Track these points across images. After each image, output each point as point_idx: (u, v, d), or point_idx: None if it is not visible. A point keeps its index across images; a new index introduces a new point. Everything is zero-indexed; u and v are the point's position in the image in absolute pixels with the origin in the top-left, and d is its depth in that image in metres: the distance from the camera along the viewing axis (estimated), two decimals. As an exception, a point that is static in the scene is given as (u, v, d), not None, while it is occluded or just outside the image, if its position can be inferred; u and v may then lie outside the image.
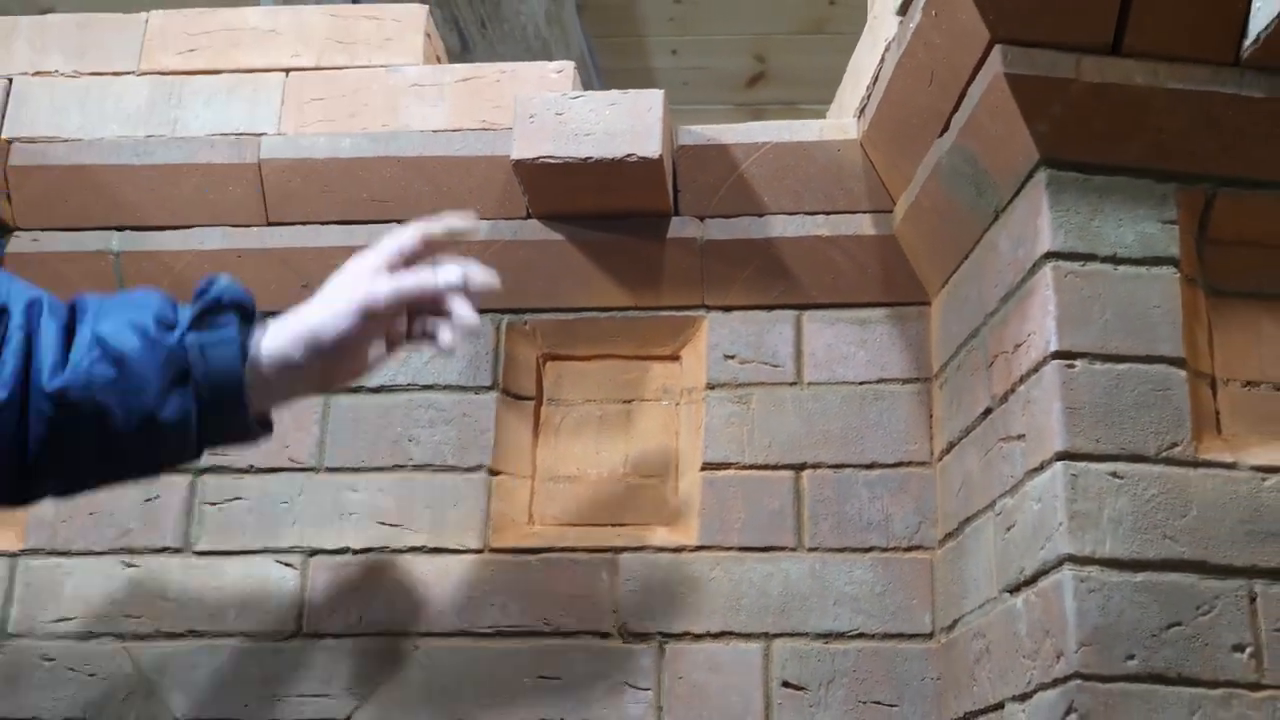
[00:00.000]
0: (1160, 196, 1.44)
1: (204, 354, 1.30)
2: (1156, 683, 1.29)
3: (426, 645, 1.68)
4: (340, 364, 1.40)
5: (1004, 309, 1.50)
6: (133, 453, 1.32)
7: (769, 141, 1.73)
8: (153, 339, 1.29)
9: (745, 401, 1.74)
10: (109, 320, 1.30)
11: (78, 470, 1.33)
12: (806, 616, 1.66)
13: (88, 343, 1.28)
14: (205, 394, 1.31)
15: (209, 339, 1.31)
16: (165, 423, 1.29)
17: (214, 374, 1.31)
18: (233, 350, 1.32)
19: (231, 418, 1.34)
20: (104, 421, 1.28)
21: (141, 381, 1.28)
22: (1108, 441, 1.36)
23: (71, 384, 1.26)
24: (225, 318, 1.33)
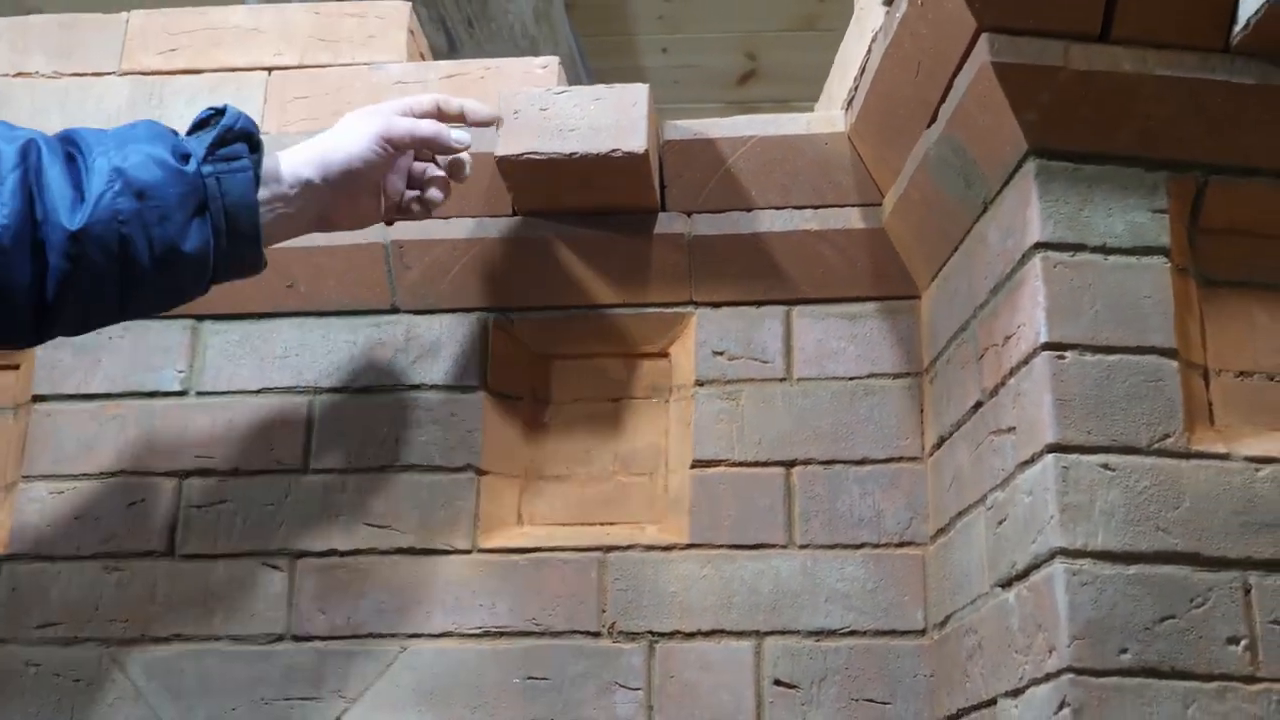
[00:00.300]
0: (1150, 185, 1.41)
1: (220, 184, 1.33)
2: (1150, 676, 1.27)
3: (415, 646, 1.65)
4: (345, 196, 1.45)
5: (993, 301, 1.48)
6: (152, 285, 1.33)
7: (755, 135, 1.70)
8: (173, 169, 1.30)
9: (735, 398, 1.71)
10: (125, 152, 1.30)
11: (97, 306, 1.32)
12: (798, 614, 1.63)
13: (106, 175, 1.28)
14: (223, 224, 1.33)
15: (224, 169, 1.33)
16: (187, 254, 1.31)
17: (231, 204, 1.33)
18: (247, 179, 1.35)
19: (245, 247, 1.36)
20: (127, 254, 1.28)
21: (165, 213, 1.29)
22: (1099, 433, 1.33)
23: (96, 219, 1.26)
24: (237, 148, 1.35)
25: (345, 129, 1.48)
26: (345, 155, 1.44)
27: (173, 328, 1.79)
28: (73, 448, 1.76)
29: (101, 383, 1.78)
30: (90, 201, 1.26)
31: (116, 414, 1.77)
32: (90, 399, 1.78)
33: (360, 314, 1.78)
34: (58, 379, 1.79)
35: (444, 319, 1.76)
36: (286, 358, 1.77)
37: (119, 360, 1.79)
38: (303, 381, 1.76)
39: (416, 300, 1.76)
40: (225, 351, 1.78)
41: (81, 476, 1.75)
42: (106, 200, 1.27)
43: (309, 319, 1.78)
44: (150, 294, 1.35)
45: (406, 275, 1.75)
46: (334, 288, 1.76)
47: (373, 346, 1.76)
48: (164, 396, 1.77)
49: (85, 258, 1.26)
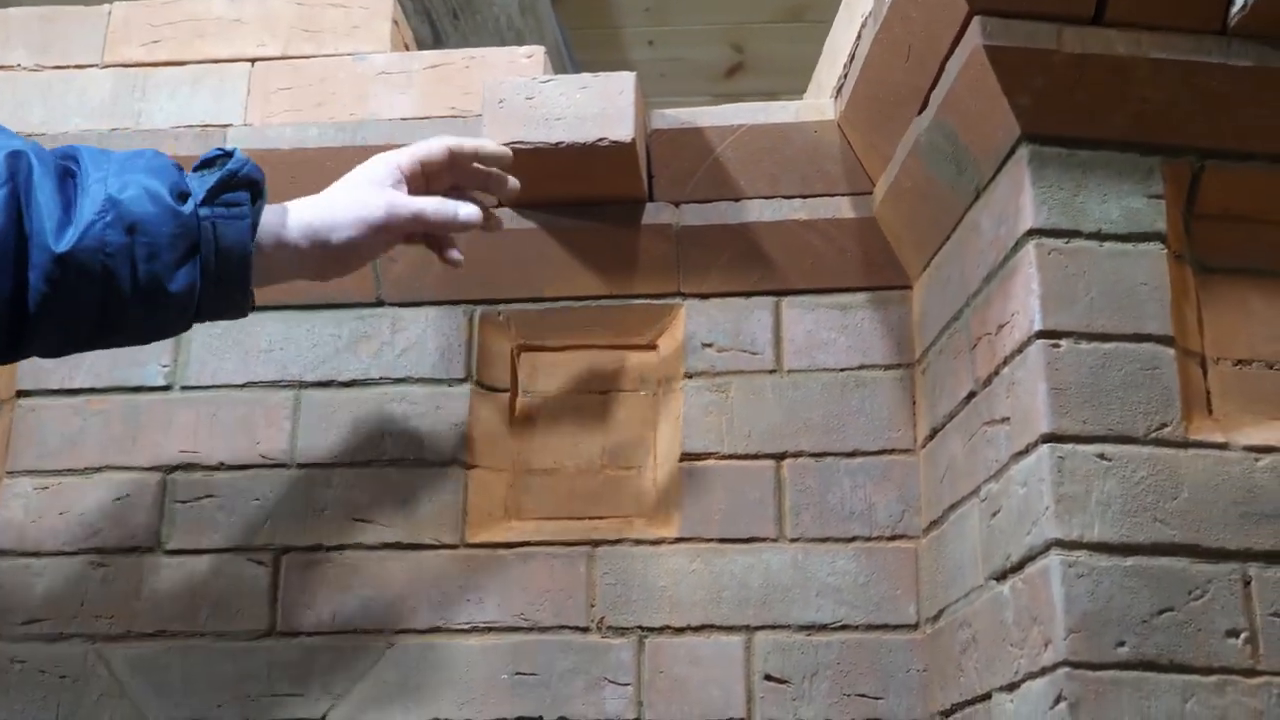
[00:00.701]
0: (1146, 170, 1.37)
1: (216, 230, 1.27)
2: (1148, 670, 1.22)
3: (402, 642, 1.61)
4: (342, 263, 1.40)
5: (986, 289, 1.43)
6: (132, 319, 1.27)
7: (744, 124, 1.65)
8: (168, 208, 1.25)
9: (724, 390, 1.67)
10: (122, 181, 1.24)
11: (74, 332, 1.27)
12: (789, 608, 1.59)
13: (100, 204, 1.22)
14: (212, 269, 1.28)
15: (222, 214, 1.28)
16: (172, 293, 1.26)
17: (224, 250, 1.28)
18: (244, 229, 1.29)
19: (233, 293, 1.31)
20: (110, 286, 1.23)
21: (154, 250, 1.23)
22: (1095, 423, 1.29)
23: (82, 246, 1.20)
24: (239, 194, 1.30)
25: (349, 205, 1.38)
26: (344, 240, 1.37)
27: (157, 322, 1.74)
28: (57, 443, 1.72)
29: (86, 378, 1.73)
30: (79, 226, 1.21)
31: (101, 409, 1.72)
32: (74, 394, 1.73)
33: (345, 307, 1.73)
34: (42, 374, 1.74)
35: (429, 311, 1.72)
36: (271, 352, 1.72)
37: (103, 355, 1.73)
38: (287, 376, 1.71)
39: (402, 293, 1.71)
40: (209, 346, 1.73)
41: (66, 472, 1.70)
42: (96, 229, 1.21)
43: (293, 312, 1.73)
44: (130, 327, 1.30)
45: (391, 268, 1.70)
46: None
47: (358, 340, 1.71)
48: (148, 391, 1.73)
49: (66, 283, 1.21)
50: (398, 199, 1.40)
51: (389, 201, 1.39)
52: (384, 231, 1.39)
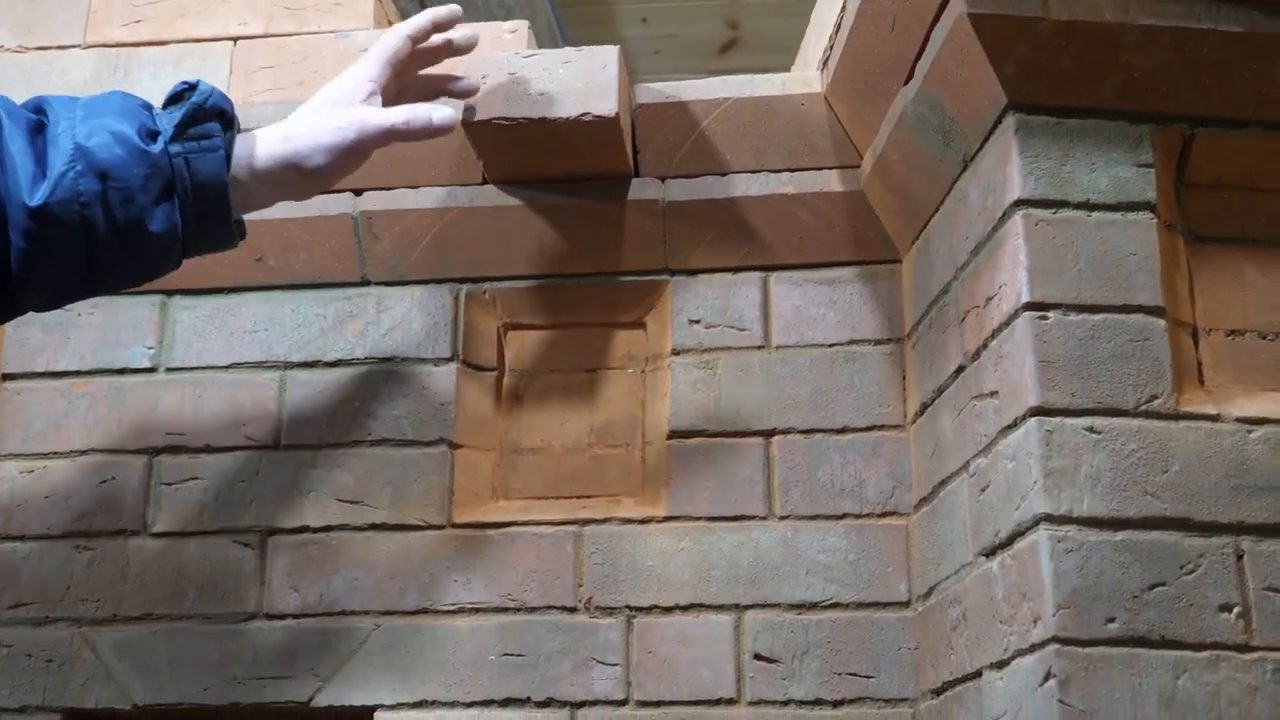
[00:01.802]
0: (1135, 139, 1.32)
1: (189, 165, 1.25)
2: (1139, 646, 1.18)
3: (388, 624, 1.57)
4: (320, 184, 1.39)
5: (974, 261, 1.38)
6: (120, 264, 1.26)
7: (730, 97, 1.60)
8: (137, 150, 1.22)
9: (712, 367, 1.62)
10: (89, 128, 1.22)
11: (63, 284, 1.25)
12: (778, 587, 1.55)
13: (69, 154, 1.20)
14: (191, 205, 1.25)
15: (194, 149, 1.25)
16: (154, 234, 1.24)
17: (200, 185, 1.26)
18: (217, 160, 1.26)
19: (215, 227, 1.29)
20: (90, 235, 1.21)
21: (128, 195, 1.21)
22: (1084, 395, 1.24)
23: (55, 198, 1.18)
24: (208, 126, 1.27)
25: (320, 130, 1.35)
26: (317, 166, 1.35)
27: (141, 304, 1.71)
28: (42, 426, 1.68)
29: (71, 360, 1.70)
30: (51, 179, 1.18)
31: (86, 391, 1.69)
32: (59, 376, 1.70)
33: (330, 287, 1.69)
34: (27, 357, 1.71)
35: (415, 291, 1.67)
36: (256, 333, 1.68)
37: (88, 337, 1.70)
38: (273, 356, 1.67)
39: (387, 272, 1.67)
40: (194, 327, 1.70)
41: (51, 455, 1.67)
42: (68, 180, 1.19)
43: (278, 293, 1.69)
44: (119, 273, 1.28)
45: (376, 246, 1.66)
46: (303, 261, 1.67)
47: (343, 320, 1.67)
48: (133, 373, 1.69)
49: (45, 237, 1.19)
50: (368, 117, 1.37)
51: (360, 122, 1.36)
52: (357, 152, 1.37)
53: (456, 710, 1.53)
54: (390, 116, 1.38)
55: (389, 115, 1.38)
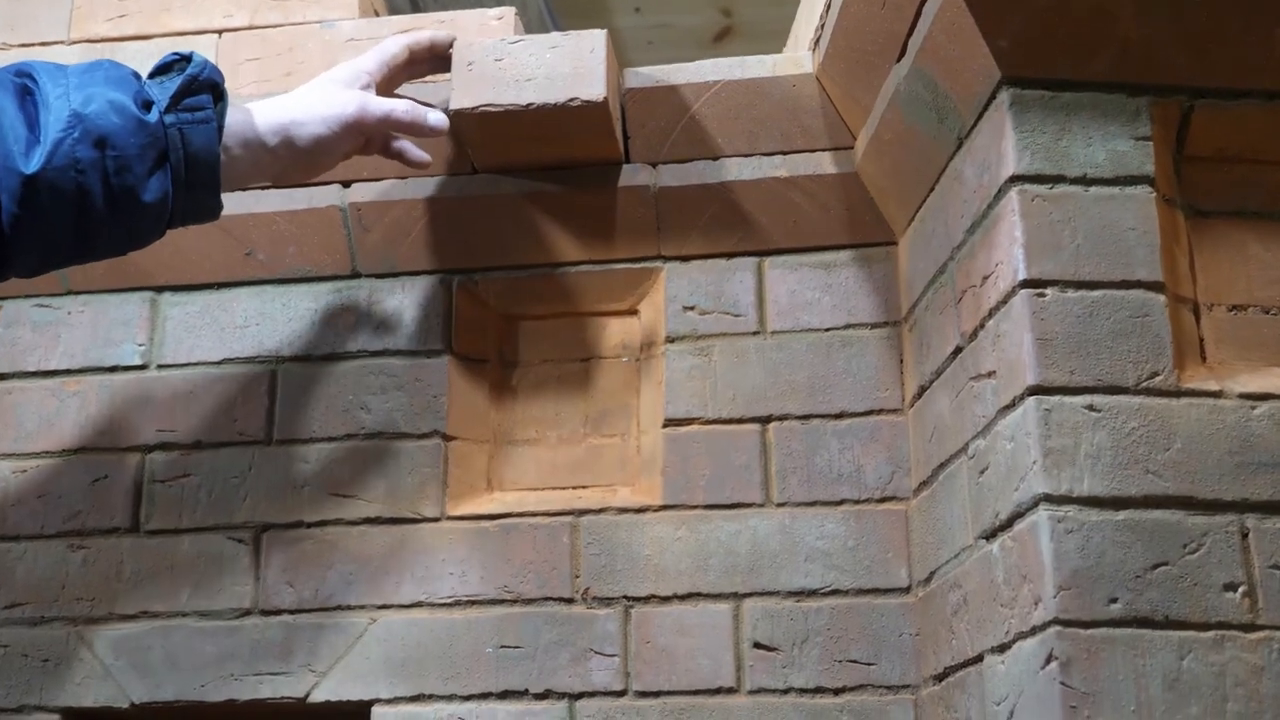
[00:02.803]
0: (1132, 112, 1.28)
1: (183, 135, 1.24)
2: (1142, 626, 1.14)
3: (385, 618, 1.53)
4: (309, 163, 1.39)
5: (970, 240, 1.34)
6: (108, 232, 1.24)
7: (720, 80, 1.56)
8: (135, 119, 1.21)
9: (707, 354, 1.58)
10: (85, 95, 1.20)
11: (51, 251, 1.24)
12: (777, 575, 1.51)
13: (65, 120, 1.18)
14: (183, 176, 1.25)
15: (188, 120, 1.25)
16: (145, 204, 1.23)
17: (192, 156, 1.25)
18: (210, 132, 1.26)
19: (204, 197, 1.29)
20: (84, 202, 1.19)
21: (125, 163, 1.20)
22: (1083, 373, 1.20)
23: (53, 164, 1.17)
24: (201, 98, 1.26)
25: (318, 103, 1.38)
26: (312, 136, 1.36)
27: (132, 300, 1.67)
28: (34, 425, 1.65)
29: (62, 359, 1.67)
30: (48, 145, 1.17)
31: (77, 390, 1.65)
32: (51, 375, 1.66)
33: (321, 280, 1.65)
34: (17, 356, 1.67)
35: (406, 282, 1.64)
36: (247, 327, 1.65)
37: (79, 335, 1.67)
38: (264, 351, 1.64)
39: (377, 264, 1.64)
40: (185, 323, 1.66)
41: (43, 454, 1.64)
42: (65, 147, 1.17)
43: (269, 287, 1.66)
44: (106, 241, 1.26)
45: (366, 238, 1.62)
46: (293, 254, 1.64)
47: (335, 313, 1.64)
48: (125, 371, 1.65)
49: (39, 203, 1.17)
50: (369, 98, 1.40)
51: (360, 100, 1.38)
52: (353, 130, 1.38)
53: (454, 703, 1.50)
54: (391, 103, 1.41)
55: (390, 101, 1.41)
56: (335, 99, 1.38)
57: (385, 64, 1.44)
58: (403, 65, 1.48)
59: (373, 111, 1.39)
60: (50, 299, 1.69)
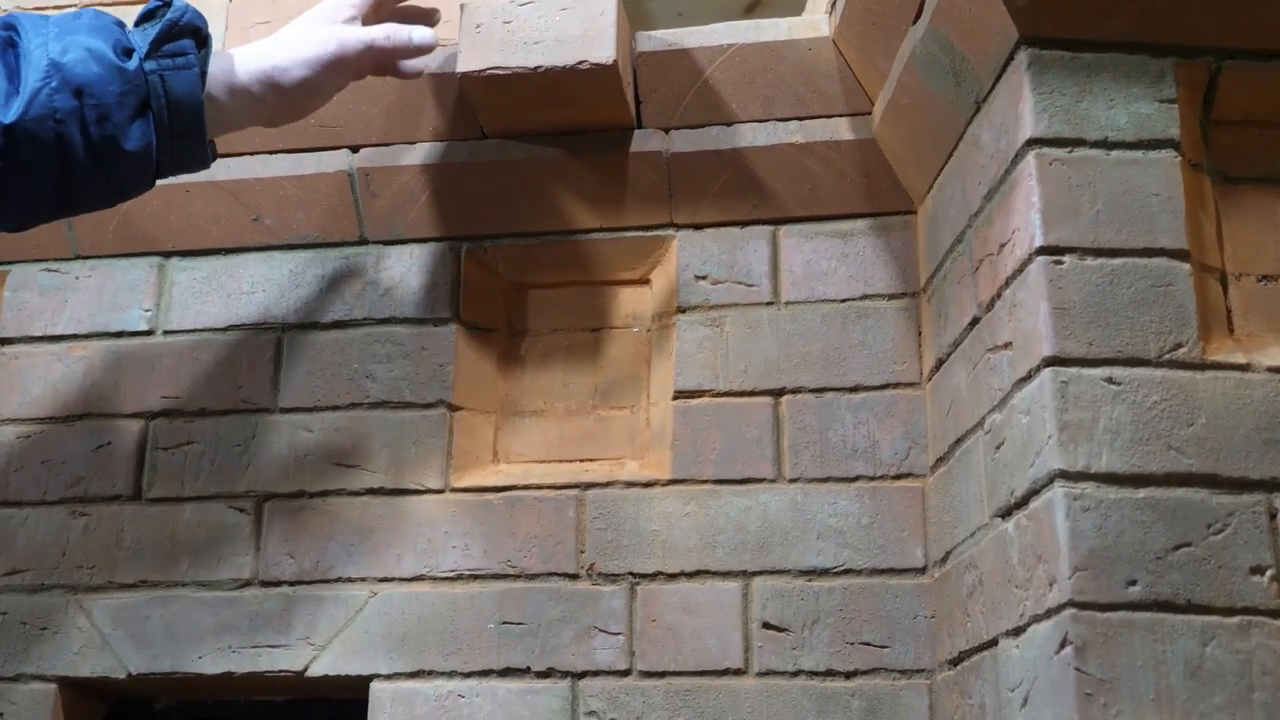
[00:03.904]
0: (1157, 73, 1.20)
1: (164, 82, 1.21)
2: (1163, 611, 1.07)
3: (386, 591, 1.48)
4: (297, 103, 1.35)
5: (988, 207, 1.27)
6: (93, 183, 1.21)
7: (734, 44, 1.50)
8: (113, 66, 1.17)
9: (719, 324, 1.52)
10: (63, 44, 1.17)
11: (36, 203, 1.21)
12: (788, 552, 1.44)
13: (43, 70, 1.15)
14: (165, 123, 1.21)
15: (168, 65, 1.21)
16: (128, 152, 1.19)
17: (175, 103, 1.21)
18: (193, 78, 1.22)
19: (190, 145, 1.25)
20: (65, 152, 1.16)
21: (104, 111, 1.17)
22: (1102, 344, 1.13)
23: (30, 114, 1.13)
24: (183, 43, 1.23)
25: (299, 44, 1.33)
26: (297, 80, 1.32)
27: (139, 265, 1.63)
28: (39, 390, 1.61)
29: (68, 324, 1.63)
30: (25, 95, 1.13)
31: (83, 355, 1.61)
32: (57, 340, 1.63)
33: (328, 246, 1.60)
34: (24, 320, 1.64)
35: (414, 249, 1.58)
36: (254, 294, 1.60)
37: (85, 300, 1.63)
38: (270, 318, 1.59)
39: (385, 230, 1.58)
40: (192, 289, 1.62)
41: (48, 420, 1.60)
42: (43, 97, 1.14)
43: (276, 253, 1.61)
44: (93, 191, 1.23)
45: (374, 204, 1.57)
46: (301, 220, 1.59)
47: (341, 280, 1.59)
48: (130, 336, 1.61)
49: (18, 154, 1.14)
50: (349, 31, 1.35)
51: (340, 35, 1.34)
52: (337, 66, 1.34)
53: (454, 680, 1.44)
54: (370, 32, 1.36)
55: (369, 31, 1.36)
56: (315, 38, 1.33)
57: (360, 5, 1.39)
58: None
59: (353, 45, 1.34)
60: (58, 263, 1.65)
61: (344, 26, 1.35)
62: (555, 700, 1.43)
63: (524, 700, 1.43)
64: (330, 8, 1.36)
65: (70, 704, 1.52)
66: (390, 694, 1.45)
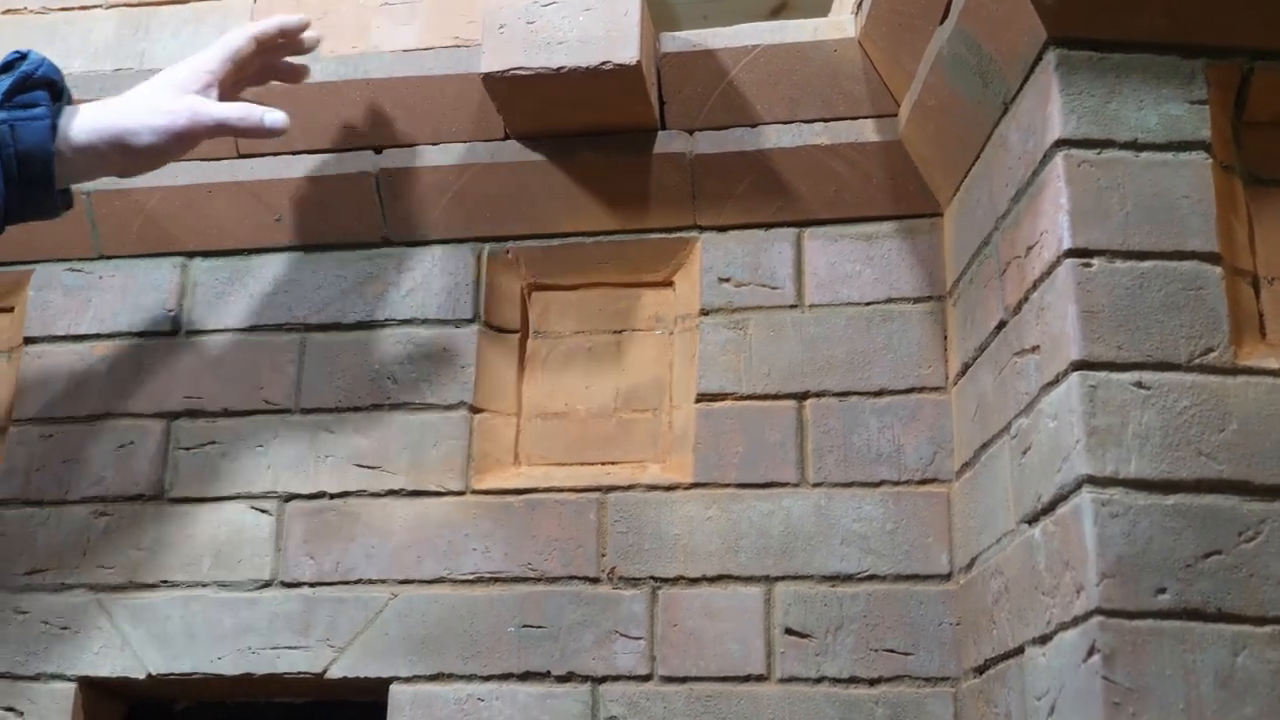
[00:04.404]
0: (1187, 74, 1.18)
1: (14, 132, 1.22)
2: (1192, 619, 1.06)
3: (406, 593, 1.47)
4: (145, 164, 1.35)
5: (1015, 209, 1.26)
6: None
7: (759, 45, 1.49)
8: None
9: (742, 327, 1.51)
10: None
11: None
12: (811, 558, 1.43)
13: None
14: (15, 172, 1.23)
15: (20, 116, 1.23)
16: None
17: (24, 153, 1.23)
18: (43, 130, 1.24)
19: (39, 195, 1.26)
20: None
21: None
22: (1131, 348, 1.12)
23: None
24: (36, 94, 1.25)
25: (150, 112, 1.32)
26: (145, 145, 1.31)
27: (162, 265, 1.63)
28: (62, 390, 1.60)
29: (91, 323, 1.62)
30: None
31: (105, 355, 1.61)
32: (80, 340, 1.62)
33: (351, 247, 1.59)
34: (49, 320, 1.63)
35: (436, 250, 1.58)
36: (276, 294, 1.59)
37: (109, 300, 1.63)
38: (292, 318, 1.58)
39: (408, 231, 1.57)
40: (215, 290, 1.61)
41: (69, 419, 1.59)
42: None
43: (299, 254, 1.60)
44: None
45: (397, 205, 1.56)
46: (323, 220, 1.58)
47: (363, 281, 1.58)
48: (153, 336, 1.61)
49: None
50: (202, 108, 1.34)
51: (193, 110, 1.33)
52: (186, 139, 1.33)
53: (474, 684, 1.43)
54: (224, 111, 1.35)
55: (223, 110, 1.35)
56: (167, 108, 1.32)
57: (229, 59, 1.39)
58: (251, 56, 1.42)
59: (203, 121, 1.33)
60: (82, 263, 1.64)
61: (199, 100, 1.34)
62: (575, 705, 1.41)
63: (544, 705, 1.42)
64: (189, 74, 1.36)
65: (90, 704, 1.52)
66: (409, 697, 1.44)
